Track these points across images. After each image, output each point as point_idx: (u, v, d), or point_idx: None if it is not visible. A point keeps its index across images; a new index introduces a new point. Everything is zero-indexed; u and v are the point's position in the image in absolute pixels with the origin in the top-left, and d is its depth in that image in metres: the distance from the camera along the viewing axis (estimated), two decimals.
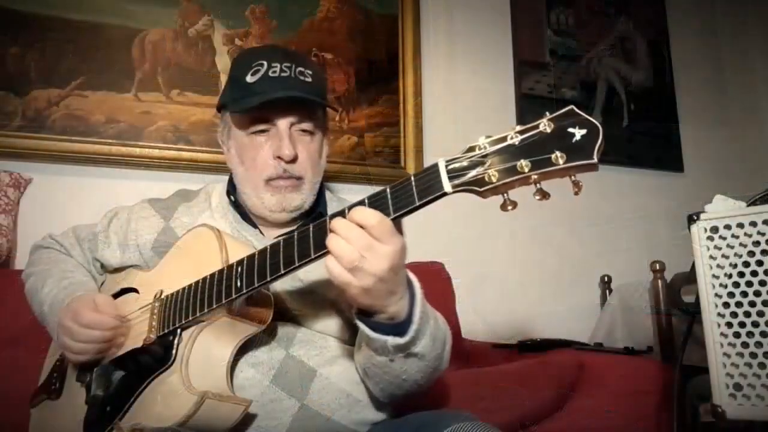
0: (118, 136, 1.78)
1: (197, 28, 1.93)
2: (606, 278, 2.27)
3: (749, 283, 1.04)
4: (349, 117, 2.06)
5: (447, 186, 0.72)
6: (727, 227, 1.07)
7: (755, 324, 1.03)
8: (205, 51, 1.93)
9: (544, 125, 0.69)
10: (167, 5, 1.91)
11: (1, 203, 1.60)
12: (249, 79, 1.06)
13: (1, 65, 1.71)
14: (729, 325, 1.05)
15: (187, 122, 1.86)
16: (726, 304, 1.06)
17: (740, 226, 1.06)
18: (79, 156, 1.74)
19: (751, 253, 1.04)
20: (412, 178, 0.75)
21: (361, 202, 0.79)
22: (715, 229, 1.08)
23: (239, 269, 0.89)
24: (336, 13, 2.11)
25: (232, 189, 1.17)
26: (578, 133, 0.67)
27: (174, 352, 0.92)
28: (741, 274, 1.05)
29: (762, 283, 1.03)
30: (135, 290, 1.09)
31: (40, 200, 1.71)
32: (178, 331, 0.94)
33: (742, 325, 1.04)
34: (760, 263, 1.03)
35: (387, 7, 2.19)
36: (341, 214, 0.79)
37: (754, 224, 1.04)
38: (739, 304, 1.05)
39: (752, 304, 1.03)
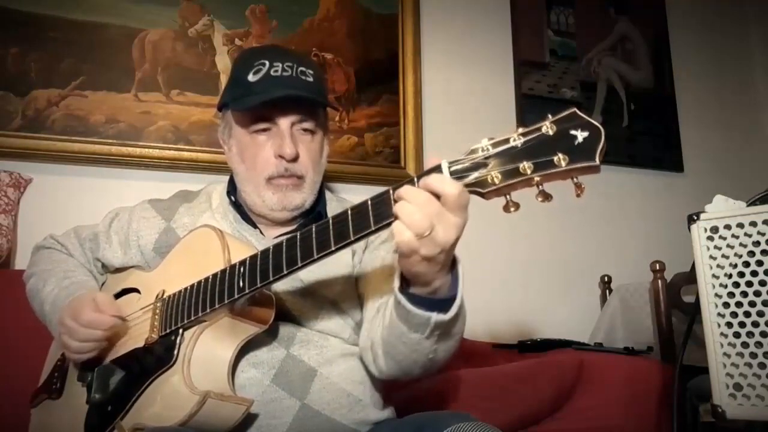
0: (118, 136, 1.78)
1: (197, 28, 1.93)
2: (606, 278, 2.27)
3: (749, 283, 1.04)
4: (349, 117, 2.06)
5: None
6: (727, 227, 1.07)
7: (755, 324, 1.03)
8: (205, 51, 1.93)
9: (547, 127, 0.69)
10: (167, 5, 1.90)
11: (1, 203, 1.60)
12: (251, 78, 1.07)
13: (1, 65, 1.71)
14: (729, 325, 1.06)
15: (187, 122, 1.86)
16: (726, 304, 1.06)
17: (740, 226, 1.06)
18: (79, 156, 1.73)
19: (751, 253, 1.05)
20: (416, 179, 0.75)
21: (364, 203, 0.78)
22: (715, 229, 1.09)
23: (242, 269, 0.89)
24: (336, 13, 2.11)
25: (232, 189, 1.17)
26: (580, 135, 0.67)
27: (176, 351, 0.92)
28: (741, 274, 1.05)
29: (762, 283, 1.03)
30: (137, 290, 1.09)
31: (40, 200, 1.70)
32: (180, 330, 0.94)
33: (742, 325, 1.05)
34: (760, 263, 1.04)
35: (387, 7, 2.18)
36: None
37: (754, 224, 1.05)
38: (739, 304, 1.05)
39: (752, 304, 1.04)
